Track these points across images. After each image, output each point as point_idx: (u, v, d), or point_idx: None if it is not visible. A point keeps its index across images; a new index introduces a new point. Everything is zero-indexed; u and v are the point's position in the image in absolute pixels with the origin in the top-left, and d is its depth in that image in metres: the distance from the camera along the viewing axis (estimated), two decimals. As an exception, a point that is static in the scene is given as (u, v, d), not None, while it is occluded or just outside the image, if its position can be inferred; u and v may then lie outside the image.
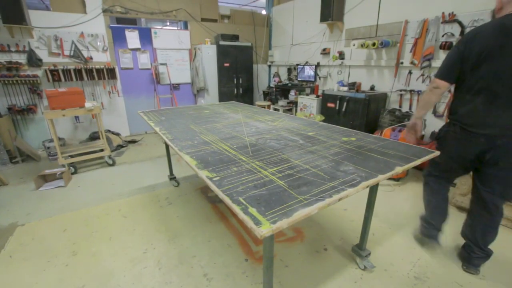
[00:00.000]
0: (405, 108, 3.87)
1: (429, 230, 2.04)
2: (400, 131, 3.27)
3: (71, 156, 3.66)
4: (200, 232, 2.32)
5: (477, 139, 1.63)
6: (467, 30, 3.05)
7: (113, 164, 3.88)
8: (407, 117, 3.44)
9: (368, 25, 4.22)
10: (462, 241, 1.98)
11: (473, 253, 1.85)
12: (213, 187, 1.20)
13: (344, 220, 2.48)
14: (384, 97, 4.10)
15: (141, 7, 4.94)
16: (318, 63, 5.27)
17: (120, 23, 6.93)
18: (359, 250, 1.92)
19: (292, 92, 5.60)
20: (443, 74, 1.68)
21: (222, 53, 5.62)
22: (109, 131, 4.96)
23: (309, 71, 5.44)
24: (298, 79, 5.76)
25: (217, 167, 1.41)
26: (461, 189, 2.64)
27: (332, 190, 1.16)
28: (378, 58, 4.18)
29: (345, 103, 4.09)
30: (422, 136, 3.29)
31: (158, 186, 3.22)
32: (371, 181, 1.25)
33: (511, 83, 1.46)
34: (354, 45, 4.15)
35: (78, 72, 4.52)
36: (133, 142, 5.06)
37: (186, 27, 5.68)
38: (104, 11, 4.59)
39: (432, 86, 1.74)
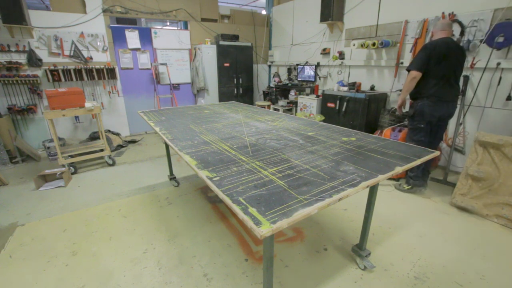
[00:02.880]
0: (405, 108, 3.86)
1: (420, 182, 2.90)
2: (400, 131, 3.27)
3: (71, 156, 3.66)
4: (200, 232, 2.32)
5: (443, 105, 2.64)
6: (467, 30, 3.05)
7: (113, 164, 3.88)
8: (407, 117, 3.44)
9: (368, 25, 4.22)
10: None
11: (411, 172, 2.91)
12: (213, 187, 1.20)
13: (344, 220, 2.48)
14: (384, 97, 4.10)
15: (141, 7, 4.94)
16: (318, 63, 5.27)
17: (120, 23, 6.94)
18: (359, 250, 1.92)
19: (292, 92, 5.60)
20: (417, 67, 2.58)
21: (222, 53, 5.62)
22: (109, 131, 4.96)
23: (309, 71, 5.43)
24: (298, 79, 5.75)
25: (217, 167, 1.41)
26: (461, 189, 2.64)
27: (332, 190, 1.16)
28: (378, 58, 4.18)
29: (345, 103, 4.09)
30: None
31: (158, 186, 3.22)
32: (371, 181, 1.25)
33: (454, 72, 2.61)
34: (354, 45, 4.15)
35: (78, 72, 4.52)
36: (133, 142, 5.06)
37: (186, 27, 5.68)
38: (104, 11, 4.59)
39: (412, 77, 2.62)
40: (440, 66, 2.53)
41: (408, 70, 2.68)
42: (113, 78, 4.84)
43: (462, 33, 3.09)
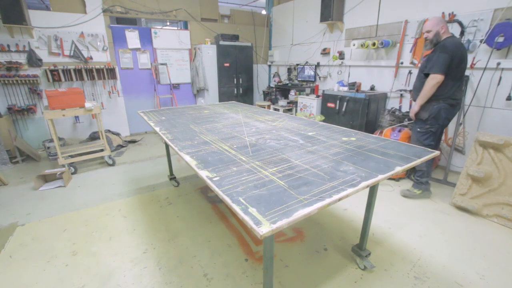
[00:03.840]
0: (405, 108, 3.87)
1: (428, 186, 2.86)
2: (400, 131, 3.27)
3: (71, 156, 3.66)
4: (200, 232, 2.32)
5: (457, 107, 2.63)
6: (467, 30, 3.05)
7: (113, 164, 3.88)
8: (407, 117, 3.44)
9: (368, 25, 4.22)
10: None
11: (422, 177, 2.82)
12: (213, 187, 1.20)
13: (344, 220, 2.48)
14: (384, 97, 4.10)
15: (141, 7, 4.94)
16: (318, 63, 5.27)
17: (120, 23, 6.93)
18: (359, 250, 1.92)
19: (292, 92, 5.60)
20: (442, 70, 2.40)
21: (222, 53, 5.62)
22: (109, 131, 4.96)
23: (309, 71, 5.44)
24: (298, 79, 5.75)
25: (217, 167, 1.41)
26: (461, 189, 2.64)
27: (332, 190, 1.16)
28: (378, 58, 4.18)
29: (345, 103, 4.09)
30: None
31: (158, 186, 3.22)
32: (371, 181, 1.25)
33: (464, 74, 2.57)
34: (354, 45, 4.15)
35: (78, 72, 4.52)
36: (133, 142, 5.06)
37: (186, 27, 5.68)
38: (104, 11, 4.59)
39: (436, 81, 2.43)
40: (460, 67, 2.45)
41: (427, 74, 2.48)
42: (113, 78, 4.84)
43: (462, 33, 3.09)
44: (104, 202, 2.85)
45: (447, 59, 2.37)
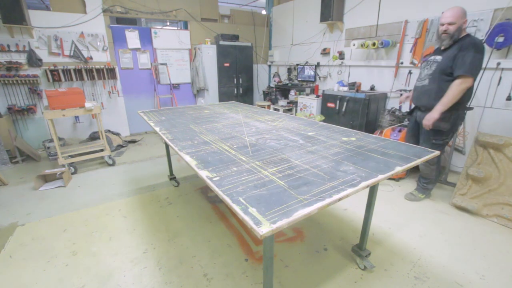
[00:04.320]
0: (405, 108, 3.87)
1: (432, 189, 2.82)
2: (400, 131, 3.27)
3: (71, 156, 3.66)
4: (200, 232, 2.32)
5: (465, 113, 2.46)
6: (467, 30, 3.03)
7: (113, 164, 3.88)
8: (407, 117, 3.44)
9: (368, 25, 4.22)
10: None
11: (428, 184, 2.76)
12: (213, 187, 1.20)
13: (344, 220, 2.48)
14: (384, 97, 4.10)
15: (141, 7, 4.94)
16: (318, 63, 5.27)
17: (120, 23, 6.93)
18: (359, 250, 1.92)
19: (292, 92, 5.60)
20: (475, 74, 2.14)
21: (222, 53, 5.62)
22: (109, 131, 4.96)
23: (309, 71, 5.44)
24: (298, 79, 5.76)
25: (217, 167, 1.41)
26: (461, 189, 2.64)
27: (332, 190, 1.16)
28: (378, 58, 4.18)
29: (345, 103, 4.09)
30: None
31: (158, 186, 3.22)
32: (371, 181, 1.25)
33: None
34: (354, 45, 4.15)
35: (78, 72, 4.52)
36: (133, 142, 5.06)
37: (186, 27, 5.68)
38: (104, 11, 4.59)
39: (466, 86, 2.15)
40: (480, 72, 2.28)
41: (457, 76, 2.16)
42: (113, 78, 4.84)
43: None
44: (104, 202, 2.85)
45: (480, 63, 2.11)
